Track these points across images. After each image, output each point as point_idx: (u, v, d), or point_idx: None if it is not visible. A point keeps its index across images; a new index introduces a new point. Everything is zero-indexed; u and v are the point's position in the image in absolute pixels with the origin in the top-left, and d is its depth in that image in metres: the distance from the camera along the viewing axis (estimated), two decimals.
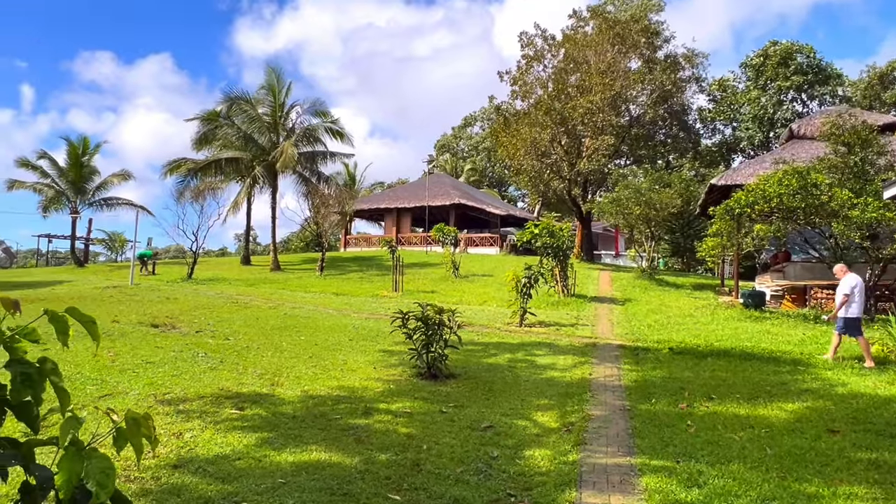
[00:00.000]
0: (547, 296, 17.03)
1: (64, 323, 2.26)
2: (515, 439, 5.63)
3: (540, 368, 8.96)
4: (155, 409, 6.18)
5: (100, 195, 34.63)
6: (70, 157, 33.20)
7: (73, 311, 2.31)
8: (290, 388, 7.31)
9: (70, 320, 2.32)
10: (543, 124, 27.80)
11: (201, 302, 15.78)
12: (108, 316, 12.73)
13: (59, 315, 2.23)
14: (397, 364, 8.94)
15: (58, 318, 2.23)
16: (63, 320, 2.26)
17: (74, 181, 33.21)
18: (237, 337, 10.73)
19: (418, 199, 41.39)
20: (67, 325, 2.28)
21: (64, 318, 2.26)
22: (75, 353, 8.72)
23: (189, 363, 8.37)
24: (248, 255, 32.61)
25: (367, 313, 14.60)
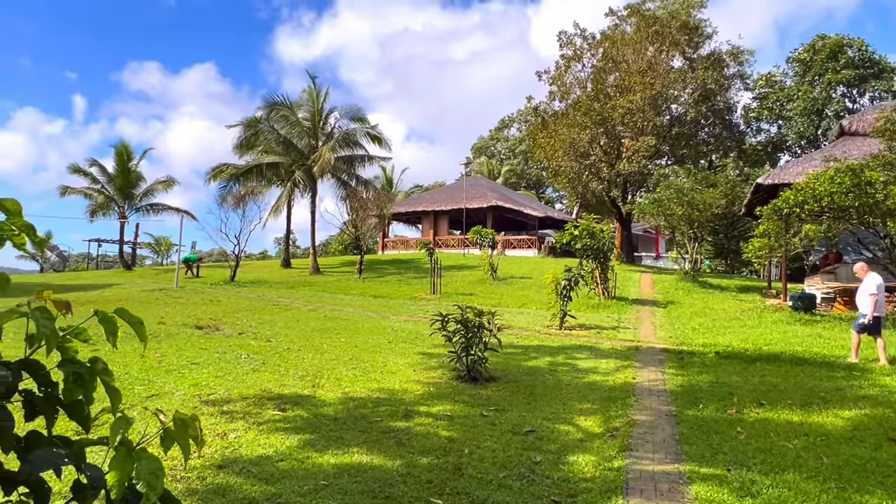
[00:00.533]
0: (587, 298, 16.80)
1: (113, 324, 2.28)
2: (558, 444, 5.52)
3: (581, 372, 8.81)
4: (200, 409, 6.28)
5: (146, 201, 35.69)
6: (118, 164, 34.31)
7: (122, 312, 2.32)
8: (330, 390, 7.34)
9: (119, 321, 2.34)
10: (582, 125, 27.50)
11: (243, 304, 16.06)
12: (155, 318, 13.05)
13: (109, 316, 2.25)
14: (437, 366, 8.91)
15: (107, 319, 2.25)
16: (112, 321, 2.28)
17: (122, 187, 34.30)
18: (278, 339, 10.87)
19: (455, 202, 41.39)
20: (116, 326, 2.29)
21: (113, 319, 2.28)
22: (124, 354, 8.96)
23: (232, 364, 8.50)
24: (289, 259, 33.10)
25: (405, 316, 14.63)
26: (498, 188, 47.34)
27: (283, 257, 33.50)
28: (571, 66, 29.86)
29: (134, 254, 46.43)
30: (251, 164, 28.99)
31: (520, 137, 65.28)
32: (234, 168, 29.18)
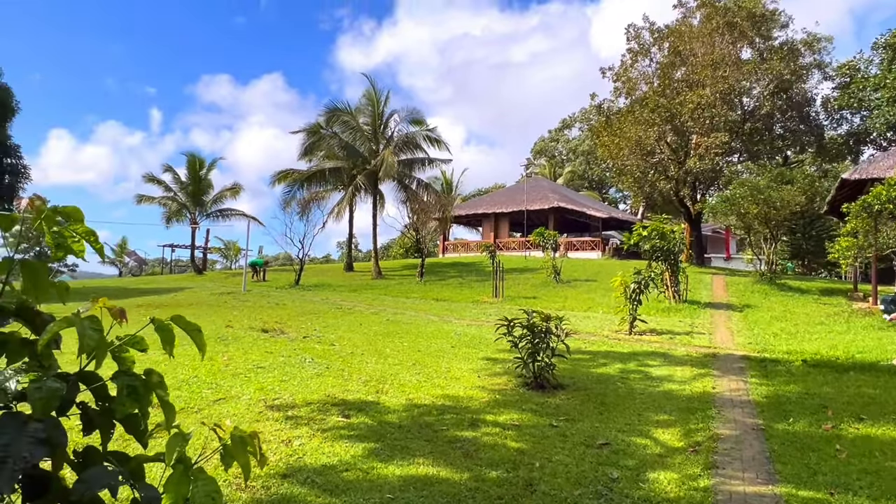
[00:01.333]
0: (657, 302, 16.13)
1: (170, 332, 2.14)
2: (636, 459, 5.16)
3: (655, 380, 8.34)
4: (265, 414, 6.24)
5: (215, 207, 36.96)
6: (190, 172, 35.70)
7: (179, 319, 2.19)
8: (394, 396, 7.19)
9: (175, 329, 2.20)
10: (649, 122, 26.58)
11: (308, 308, 16.24)
12: (223, 321, 13.32)
13: (165, 324, 2.11)
14: (502, 372, 8.64)
15: (164, 327, 2.12)
16: (169, 330, 2.14)
17: (193, 194, 35.65)
18: (342, 342, 10.85)
19: (516, 204, 40.94)
20: (173, 334, 2.15)
21: (170, 327, 2.14)
22: (192, 357, 9.10)
23: (297, 368, 8.49)
24: (351, 262, 33.53)
25: (468, 319, 14.41)
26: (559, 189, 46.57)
27: (346, 261, 33.96)
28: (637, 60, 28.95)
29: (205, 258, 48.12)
30: (314, 170, 29.53)
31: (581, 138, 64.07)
32: (298, 173, 29.79)
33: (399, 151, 29.52)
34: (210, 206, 36.84)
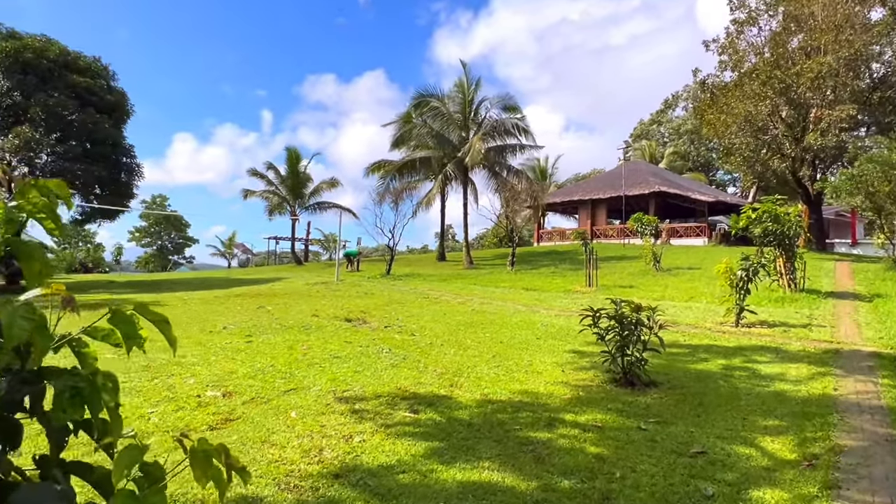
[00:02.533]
0: (769, 291, 14.67)
1: (131, 324, 1.78)
2: (737, 472, 4.43)
3: (764, 379, 7.38)
4: (332, 406, 6.01)
5: (313, 200, 38.13)
6: (289, 166, 37.04)
7: (144, 309, 1.83)
8: (468, 391, 6.77)
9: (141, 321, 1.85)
10: (760, 95, 24.38)
11: (395, 297, 16.17)
12: (310, 310, 13.47)
13: (126, 315, 1.76)
14: (588, 367, 7.99)
15: (124, 319, 1.76)
16: (130, 322, 1.78)
17: (293, 188, 36.97)
18: (423, 333, 10.57)
19: (614, 189, 39.26)
20: (135, 326, 1.80)
21: (131, 319, 1.78)
22: (273, 346, 9.15)
23: (373, 359, 8.28)
24: (444, 252, 33.49)
25: (557, 309, 13.74)
26: (661, 173, 44.20)
27: (439, 251, 33.95)
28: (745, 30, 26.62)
29: (306, 250, 49.97)
30: (404, 160, 29.65)
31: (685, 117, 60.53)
32: (390, 164, 30.02)
33: (489, 138, 28.97)
34: (308, 198, 38.04)
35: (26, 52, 22.79)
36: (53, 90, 22.91)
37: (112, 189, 25.28)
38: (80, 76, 23.92)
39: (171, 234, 74.58)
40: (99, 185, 24.82)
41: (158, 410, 5.80)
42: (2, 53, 22.59)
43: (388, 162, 30.38)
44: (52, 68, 23.31)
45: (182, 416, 5.64)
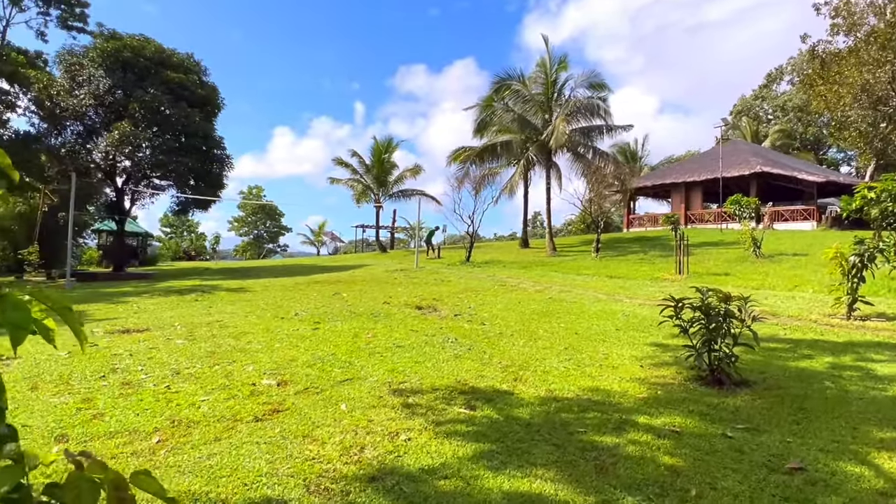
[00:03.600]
0: (888, 279, 13.05)
1: (23, 312, 1.43)
2: (843, 496, 3.68)
3: (881, 381, 6.36)
4: (384, 399, 5.68)
5: (397, 188, 38.37)
6: (374, 155, 37.43)
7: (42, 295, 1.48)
8: (533, 386, 6.24)
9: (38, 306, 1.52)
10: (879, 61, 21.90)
11: (471, 285, 15.76)
12: (384, 297, 13.31)
13: (17, 301, 1.41)
14: (671, 362, 7.24)
15: (15, 305, 1.41)
16: (23, 308, 1.43)
17: (377, 176, 37.33)
18: (493, 321, 10.10)
19: (710, 171, 36.91)
20: (28, 314, 1.44)
21: (24, 305, 1.43)
22: (338, 334, 8.98)
23: (436, 349, 7.91)
24: (527, 238, 32.74)
25: (641, 298, 12.84)
26: (763, 152, 41.10)
27: (522, 237, 33.23)
28: None
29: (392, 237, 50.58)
30: (485, 145, 29.06)
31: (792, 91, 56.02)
32: (470, 150, 29.55)
33: (573, 119, 27.81)
34: (392, 186, 38.32)
35: (125, 51, 24.14)
36: (150, 86, 24.15)
37: (204, 180, 26.42)
38: (174, 72, 25.07)
39: (266, 223, 77.89)
40: (192, 177, 26.01)
41: (211, 399, 5.68)
42: (104, 53, 24.07)
43: (469, 148, 29.91)
44: (148, 66, 24.57)
45: (232, 405, 5.49)
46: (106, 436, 4.70)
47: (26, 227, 35.17)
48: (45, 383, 6.29)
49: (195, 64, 27.01)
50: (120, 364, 7.07)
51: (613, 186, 28.22)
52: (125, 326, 9.89)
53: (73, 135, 26.89)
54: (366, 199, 38.58)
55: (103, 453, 4.30)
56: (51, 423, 4.98)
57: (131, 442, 4.56)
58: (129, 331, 9.47)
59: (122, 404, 5.50)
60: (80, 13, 31.37)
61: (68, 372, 6.72)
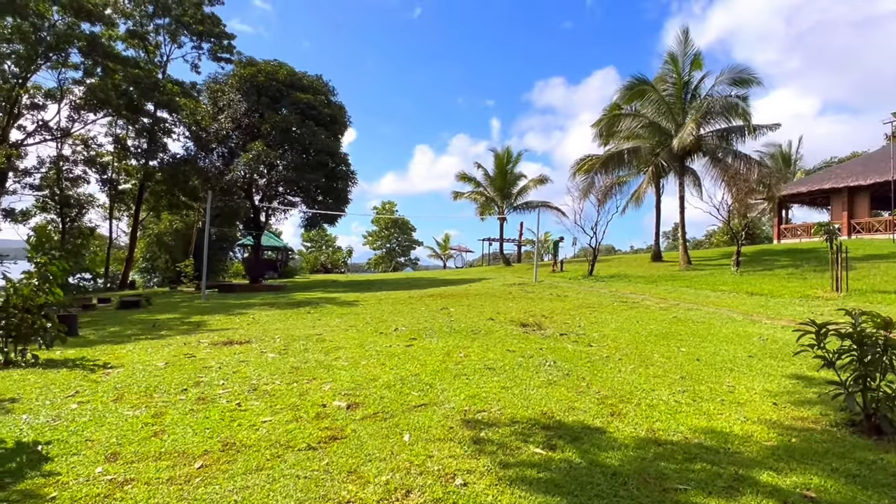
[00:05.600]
0: None
1: None
2: None
3: None
4: (453, 432, 5.04)
5: (520, 199, 37.60)
6: (496, 166, 37.01)
7: None
8: (631, 423, 5.29)
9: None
10: None
11: (588, 300, 14.66)
12: (491, 312, 12.68)
13: None
14: (815, 401, 5.92)
15: None
16: None
17: (500, 188, 36.84)
18: (602, 343, 9.08)
19: (879, 173, 32.38)
20: None
21: None
22: (430, 352, 8.46)
23: (529, 373, 7.12)
24: (659, 251, 30.56)
25: (786, 319, 11.11)
26: None
27: (654, 250, 31.09)
28: None
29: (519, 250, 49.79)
30: (609, 153, 27.49)
31: None
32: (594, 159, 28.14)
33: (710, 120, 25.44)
34: (516, 198, 37.63)
35: (260, 76, 25.81)
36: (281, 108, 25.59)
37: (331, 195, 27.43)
38: (303, 93, 26.37)
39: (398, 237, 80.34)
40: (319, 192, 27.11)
41: (274, 420, 5.36)
42: (242, 79, 25.89)
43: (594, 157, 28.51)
44: (280, 88, 26.06)
45: (291, 428, 5.13)
46: (154, 457, 4.48)
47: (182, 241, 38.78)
48: (129, 394, 6.36)
49: (323, 85, 28.27)
50: (205, 377, 7.05)
51: (758, 193, 25.49)
52: (230, 338, 10.09)
53: (218, 156, 29.18)
54: (489, 212, 38.23)
55: (142, 477, 4.07)
56: (112, 439, 4.89)
57: (175, 466, 4.29)
58: (231, 343, 9.62)
59: (187, 421, 5.34)
60: (227, 45, 34.19)
61: (155, 384, 6.78)
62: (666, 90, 26.41)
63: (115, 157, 33.68)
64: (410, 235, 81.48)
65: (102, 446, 4.73)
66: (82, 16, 28.06)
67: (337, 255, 69.83)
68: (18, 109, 30.17)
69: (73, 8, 27.37)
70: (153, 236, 41.74)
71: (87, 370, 7.67)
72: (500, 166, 36.60)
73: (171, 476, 4.10)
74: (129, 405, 5.93)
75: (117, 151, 33.29)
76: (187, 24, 32.89)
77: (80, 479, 4.05)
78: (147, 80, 29.46)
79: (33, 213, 31.69)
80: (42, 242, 14.98)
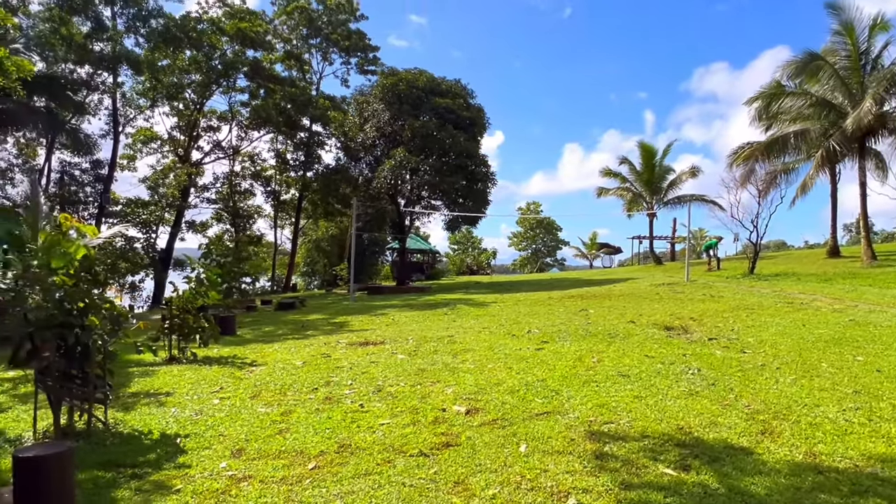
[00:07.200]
0: None
1: None
2: None
3: None
4: (575, 444, 4.66)
5: (671, 194, 35.32)
6: (643, 160, 35.09)
7: None
8: (786, 444, 4.56)
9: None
10: None
11: (746, 302, 13.26)
12: (632, 314, 11.91)
13: None
14: None
15: None
16: None
17: (648, 182, 34.89)
18: (759, 349, 8.08)
19: None
20: None
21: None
22: (561, 356, 8.05)
23: (668, 381, 6.47)
24: (836, 246, 27.10)
25: None
26: None
27: (829, 245, 27.64)
28: None
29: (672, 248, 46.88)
30: (773, 138, 24.76)
31: None
32: (755, 145, 25.56)
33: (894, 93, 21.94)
34: (666, 192, 35.43)
35: (401, 84, 26.70)
36: (421, 114, 26.25)
37: (471, 197, 27.61)
38: (442, 98, 26.83)
39: (543, 237, 79.39)
40: (459, 195, 27.41)
41: (391, 423, 5.33)
42: (384, 89, 26.98)
43: (754, 144, 25.88)
44: (420, 95, 26.74)
45: (407, 432, 5.05)
46: (274, 455, 4.61)
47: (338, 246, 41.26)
48: (266, 392, 6.69)
49: (462, 88, 28.60)
50: (336, 377, 7.24)
51: None
52: (366, 339, 10.38)
53: (366, 164, 30.67)
54: (637, 208, 36.38)
55: (259, 475, 4.18)
56: (241, 435, 5.12)
57: (291, 465, 4.38)
58: (367, 343, 9.89)
59: (311, 421, 5.47)
60: (372, 57, 35.89)
61: (291, 382, 7.09)
62: (837, 63, 23.21)
63: (276, 171, 36.70)
64: (556, 235, 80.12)
65: (231, 441, 4.96)
66: (247, 43, 30.93)
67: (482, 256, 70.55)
68: (197, 132, 33.98)
69: (239, 37, 30.25)
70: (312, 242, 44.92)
71: (235, 367, 8.25)
72: (647, 160, 34.65)
73: (284, 475, 4.17)
74: (263, 402, 6.23)
75: (278, 165, 36.24)
76: (336, 41, 34.98)
77: (205, 474, 4.26)
78: (302, 96, 31.77)
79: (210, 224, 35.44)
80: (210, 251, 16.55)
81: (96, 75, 27.93)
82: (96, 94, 28.83)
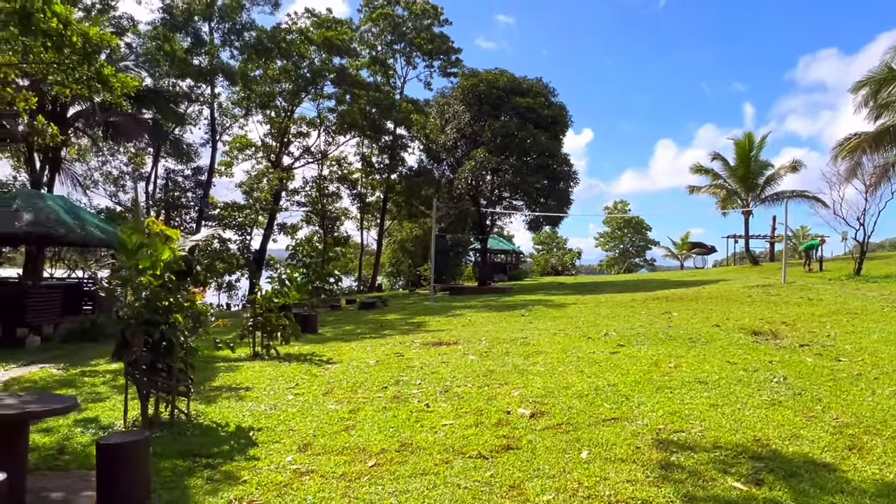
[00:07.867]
0: None
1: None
2: None
3: None
4: (641, 451, 4.49)
5: (769, 190, 33.27)
6: (738, 155, 33.28)
7: None
8: (876, 462, 4.19)
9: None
10: None
11: (848, 305, 12.30)
12: (719, 317, 11.36)
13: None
14: None
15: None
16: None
17: (742, 178, 33.04)
18: (855, 357, 7.46)
19: None
20: None
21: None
22: (636, 360, 7.79)
23: (750, 390, 6.11)
24: None
25: None
26: None
27: None
28: None
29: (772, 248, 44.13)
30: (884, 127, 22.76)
31: None
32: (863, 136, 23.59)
33: None
34: (763, 189, 33.41)
35: (481, 85, 26.74)
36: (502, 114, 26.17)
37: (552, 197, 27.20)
38: (522, 98, 26.63)
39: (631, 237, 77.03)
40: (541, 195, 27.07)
41: (454, 423, 5.36)
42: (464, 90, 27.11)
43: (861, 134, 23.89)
44: (501, 95, 26.67)
45: (468, 434, 5.05)
46: (337, 451, 4.75)
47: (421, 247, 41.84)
48: (338, 389, 6.90)
49: (543, 87, 28.26)
50: (406, 376, 7.36)
51: None
52: (440, 339, 10.47)
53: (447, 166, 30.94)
54: (731, 206, 34.53)
55: (321, 470, 4.32)
56: (310, 431, 5.31)
57: (352, 462, 4.49)
58: (440, 343, 9.97)
59: (376, 419, 5.59)
60: (454, 60, 36.14)
61: (362, 380, 7.27)
62: None
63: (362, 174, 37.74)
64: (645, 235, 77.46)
65: (300, 436, 5.15)
66: (333, 51, 31.98)
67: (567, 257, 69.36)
68: (288, 138, 35.50)
69: (326, 46, 31.33)
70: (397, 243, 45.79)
71: (312, 364, 8.56)
72: (742, 154, 32.76)
73: (344, 472, 4.28)
74: (334, 399, 6.43)
75: (364, 168, 37.28)
76: (419, 45, 35.53)
77: (272, 467, 4.45)
78: (385, 101, 32.50)
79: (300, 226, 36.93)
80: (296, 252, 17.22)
81: (196, 87, 29.80)
82: (196, 106, 30.81)
